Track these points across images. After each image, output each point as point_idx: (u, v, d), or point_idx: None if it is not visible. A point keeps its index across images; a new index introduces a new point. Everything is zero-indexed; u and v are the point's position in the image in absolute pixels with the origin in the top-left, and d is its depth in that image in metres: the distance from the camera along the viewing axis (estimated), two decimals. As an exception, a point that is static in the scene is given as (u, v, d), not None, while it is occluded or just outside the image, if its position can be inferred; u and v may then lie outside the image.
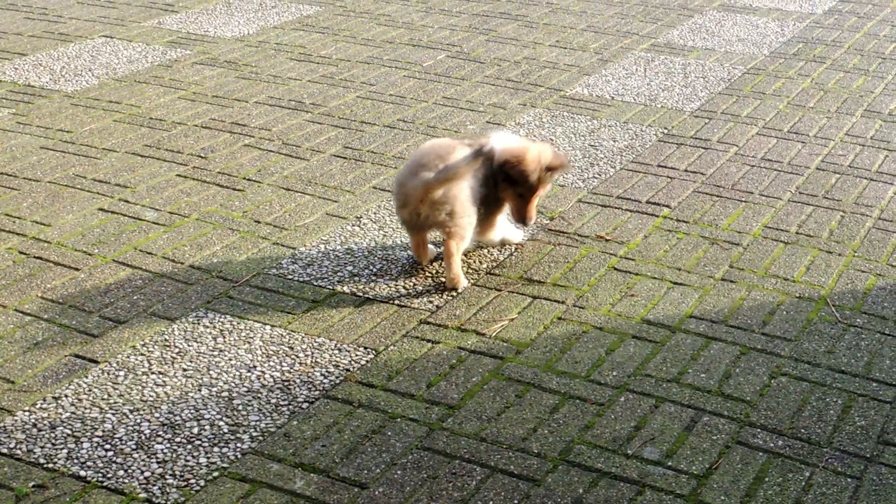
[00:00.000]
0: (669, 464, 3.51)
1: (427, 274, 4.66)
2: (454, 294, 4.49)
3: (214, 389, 3.84)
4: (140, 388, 3.84)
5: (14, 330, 4.19)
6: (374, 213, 5.16)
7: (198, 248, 4.82)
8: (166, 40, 7.83)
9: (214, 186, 5.43)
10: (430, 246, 4.68)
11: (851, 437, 3.65)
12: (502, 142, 4.61)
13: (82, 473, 3.41)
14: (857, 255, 4.88)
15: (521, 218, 4.68)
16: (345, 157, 5.80)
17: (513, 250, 4.84)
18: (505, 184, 4.60)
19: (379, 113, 6.47)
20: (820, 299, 4.51)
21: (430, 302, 4.44)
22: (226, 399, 3.78)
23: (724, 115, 6.55)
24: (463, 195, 4.41)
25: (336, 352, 4.08)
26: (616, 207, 5.28)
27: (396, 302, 4.43)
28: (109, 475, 3.40)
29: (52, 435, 3.58)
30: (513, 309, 4.40)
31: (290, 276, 4.60)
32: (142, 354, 4.04)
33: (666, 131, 6.26)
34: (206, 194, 5.34)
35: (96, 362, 3.99)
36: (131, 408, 3.73)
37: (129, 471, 3.42)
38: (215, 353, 4.06)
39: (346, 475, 3.42)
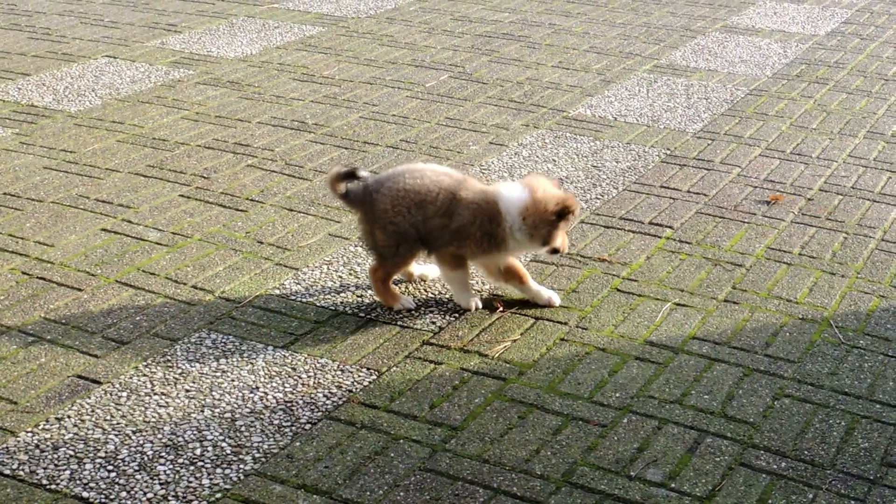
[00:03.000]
0: (672, 485, 3.50)
1: (430, 294, 4.66)
2: (458, 315, 4.50)
3: (217, 410, 3.84)
4: (143, 408, 3.84)
5: (17, 350, 4.19)
6: (377, 234, 5.16)
7: (200, 269, 4.82)
8: (169, 60, 7.85)
9: (217, 207, 5.43)
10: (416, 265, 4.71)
11: (855, 459, 3.65)
12: (533, 187, 4.37)
13: (85, 495, 3.40)
14: (860, 277, 4.87)
15: (556, 249, 4.45)
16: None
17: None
18: (553, 225, 4.35)
19: (382, 133, 6.48)
20: (823, 321, 4.51)
21: (433, 323, 4.44)
22: (228, 420, 3.78)
23: (726, 136, 6.56)
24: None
25: (339, 373, 4.08)
26: (619, 228, 5.28)
27: (399, 323, 4.43)
28: (112, 496, 3.39)
29: (55, 456, 3.58)
30: (515, 330, 4.40)
31: (292, 297, 4.60)
32: (144, 375, 4.04)
33: (669, 152, 6.27)
34: (209, 215, 5.34)
35: (99, 383, 3.98)
36: (134, 429, 3.72)
37: (132, 492, 3.41)
38: (218, 373, 4.06)
39: (349, 497, 3.42)
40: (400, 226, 4.38)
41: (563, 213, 4.30)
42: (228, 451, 3.62)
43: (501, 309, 4.54)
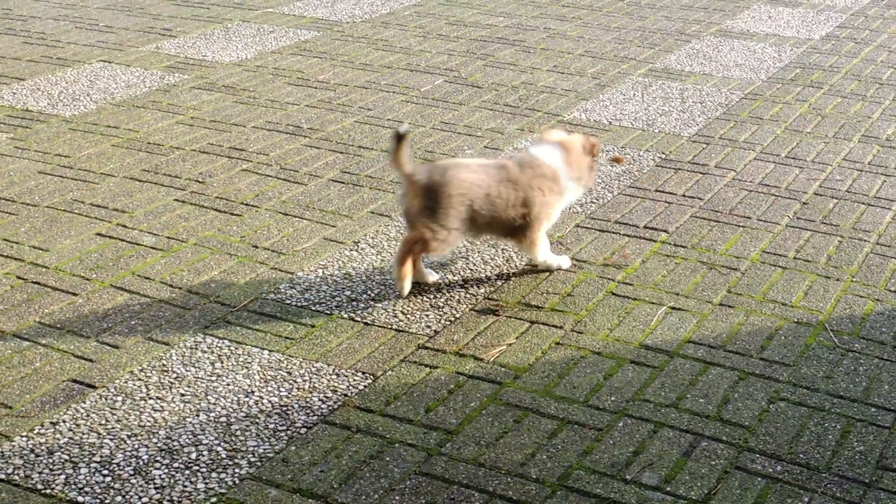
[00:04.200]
0: (668, 489, 3.50)
1: (425, 298, 4.66)
2: (452, 319, 4.49)
3: (212, 414, 3.83)
4: (138, 413, 3.84)
5: (12, 355, 4.18)
6: (372, 238, 5.16)
7: (195, 273, 4.82)
8: (164, 65, 7.85)
9: (212, 211, 5.43)
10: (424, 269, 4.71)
11: (850, 462, 3.65)
12: (562, 141, 4.83)
13: (80, 499, 3.40)
14: (855, 281, 4.88)
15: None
16: (342, 182, 5.81)
17: (511, 275, 4.84)
18: (591, 165, 4.89)
19: (377, 138, 6.48)
20: (818, 324, 4.51)
21: (429, 327, 4.43)
22: (224, 424, 3.78)
23: (721, 140, 6.56)
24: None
25: (334, 377, 4.08)
26: (614, 232, 5.28)
27: (394, 327, 4.43)
28: (107, 501, 3.39)
29: (50, 461, 3.57)
30: (511, 334, 4.40)
31: (287, 301, 4.60)
32: (140, 379, 4.03)
33: (663, 156, 6.27)
34: (204, 219, 5.34)
35: (94, 387, 3.98)
36: (129, 433, 3.72)
37: (127, 497, 3.41)
38: (213, 378, 4.06)
39: (345, 501, 3.41)
40: (461, 213, 4.49)
41: (594, 150, 4.87)
42: (224, 456, 3.61)
43: (498, 312, 4.54)
